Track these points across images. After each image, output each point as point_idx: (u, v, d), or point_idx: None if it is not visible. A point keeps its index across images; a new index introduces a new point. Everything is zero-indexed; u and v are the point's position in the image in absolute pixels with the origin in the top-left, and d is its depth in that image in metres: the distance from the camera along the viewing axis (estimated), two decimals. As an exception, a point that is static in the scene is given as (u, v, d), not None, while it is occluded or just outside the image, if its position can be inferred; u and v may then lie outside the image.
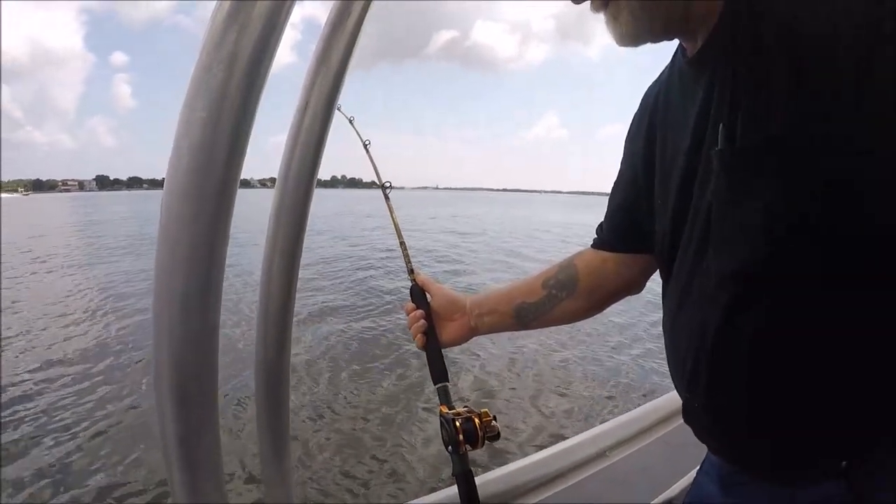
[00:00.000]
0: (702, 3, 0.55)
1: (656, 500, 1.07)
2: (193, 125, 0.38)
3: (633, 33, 0.57)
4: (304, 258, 0.64)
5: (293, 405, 0.71)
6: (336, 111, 0.60)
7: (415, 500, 0.94)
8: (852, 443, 0.53)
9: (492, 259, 14.04)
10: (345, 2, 0.57)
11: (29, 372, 5.56)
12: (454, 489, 0.80)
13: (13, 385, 5.17)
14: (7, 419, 4.46)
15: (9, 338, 6.79)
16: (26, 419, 4.47)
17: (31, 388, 5.13)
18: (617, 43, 0.59)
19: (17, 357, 6.08)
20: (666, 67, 0.71)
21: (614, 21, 0.58)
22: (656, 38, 0.58)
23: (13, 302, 8.85)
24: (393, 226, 0.95)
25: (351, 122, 0.91)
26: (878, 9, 0.44)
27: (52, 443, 4.07)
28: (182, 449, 0.43)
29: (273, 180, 0.63)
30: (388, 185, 0.95)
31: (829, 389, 0.52)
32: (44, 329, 7.27)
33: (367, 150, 0.96)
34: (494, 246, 17.52)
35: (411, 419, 4.49)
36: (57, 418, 4.49)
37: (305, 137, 0.58)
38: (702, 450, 0.70)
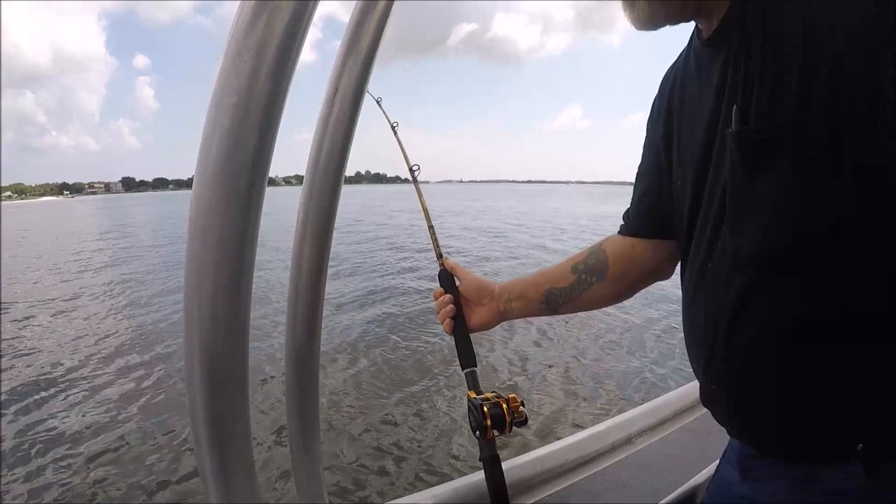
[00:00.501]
0: None
1: (682, 488, 1.06)
2: (224, 112, 0.38)
3: (650, 18, 0.59)
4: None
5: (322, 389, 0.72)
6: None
7: (442, 485, 0.95)
8: (867, 426, 0.53)
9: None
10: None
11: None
12: (481, 474, 0.80)
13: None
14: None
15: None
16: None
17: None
18: (634, 27, 0.61)
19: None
20: (683, 50, 0.71)
21: (631, 7, 0.60)
22: (673, 22, 0.60)
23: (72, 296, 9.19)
24: (421, 209, 0.94)
25: (379, 103, 0.90)
26: (883, 6, 0.45)
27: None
28: (213, 436, 0.44)
29: (297, 177, 0.63)
30: (416, 168, 0.94)
31: (841, 374, 0.53)
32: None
33: (395, 133, 0.95)
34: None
35: (438, 404, 4.54)
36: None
37: (336, 121, 0.58)
38: (727, 437, 0.70)
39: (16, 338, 6.83)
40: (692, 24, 0.65)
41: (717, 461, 0.77)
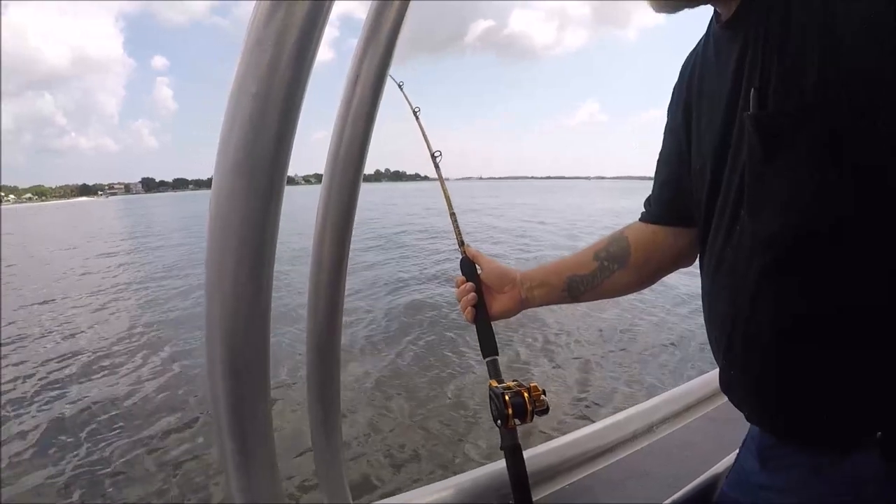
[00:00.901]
0: None
1: (703, 476, 1.05)
2: (244, 102, 0.38)
3: (670, 1, 0.59)
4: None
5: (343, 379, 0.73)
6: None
7: (463, 474, 0.95)
8: (885, 414, 0.53)
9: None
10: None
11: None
12: (502, 463, 0.80)
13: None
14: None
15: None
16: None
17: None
18: (655, 10, 0.61)
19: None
20: (702, 37, 0.71)
21: None
22: (693, 4, 0.60)
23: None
24: (443, 196, 0.94)
25: (401, 87, 0.90)
26: (883, 6, 0.44)
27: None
28: (234, 430, 0.44)
29: (317, 176, 0.63)
30: (437, 154, 0.94)
31: (858, 361, 0.52)
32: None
33: (417, 118, 0.95)
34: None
35: (460, 393, 4.57)
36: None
37: (358, 106, 0.58)
38: (747, 426, 0.70)
39: (52, 332, 7.12)
40: (710, 10, 0.64)
41: (738, 450, 0.77)
